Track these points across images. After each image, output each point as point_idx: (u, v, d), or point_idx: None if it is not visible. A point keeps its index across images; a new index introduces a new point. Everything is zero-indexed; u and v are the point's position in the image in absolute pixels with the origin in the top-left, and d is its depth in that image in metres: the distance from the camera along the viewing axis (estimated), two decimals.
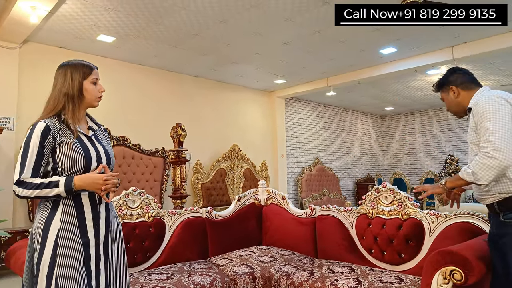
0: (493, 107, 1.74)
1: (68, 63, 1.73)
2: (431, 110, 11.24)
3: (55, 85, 1.69)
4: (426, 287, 1.87)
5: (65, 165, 1.61)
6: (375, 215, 2.83)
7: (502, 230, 1.76)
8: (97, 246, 1.64)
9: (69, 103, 1.67)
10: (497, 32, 5.35)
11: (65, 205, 1.59)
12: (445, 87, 2.09)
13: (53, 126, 1.61)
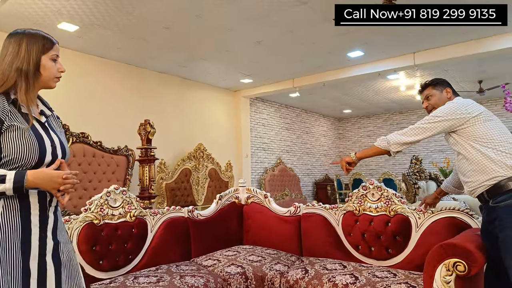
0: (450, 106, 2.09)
1: (25, 32, 1.43)
2: (386, 114, 11.80)
3: (4, 56, 1.40)
4: (429, 279, 1.92)
5: (12, 156, 1.30)
6: (362, 212, 2.88)
7: (492, 215, 1.89)
8: (42, 257, 1.33)
9: (21, 80, 1.39)
10: (452, 41, 5.72)
11: (7, 205, 1.29)
12: (441, 86, 2.24)
13: (0, 106, 1.32)
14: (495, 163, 1.86)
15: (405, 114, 11.42)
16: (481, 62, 6.64)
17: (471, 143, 1.96)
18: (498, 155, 1.87)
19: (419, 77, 7.77)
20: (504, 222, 1.79)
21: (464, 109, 2.01)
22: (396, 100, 9.92)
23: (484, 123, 1.97)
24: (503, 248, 1.79)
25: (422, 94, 2.33)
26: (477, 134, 1.95)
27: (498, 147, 1.90)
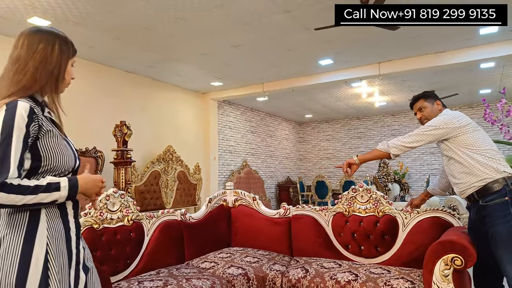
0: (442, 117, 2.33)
1: (56, 33, 1.36)
2: (344, 119, 12.34)
3: (33, 54, 1.27)
4: (429, 273, 2.11)
5: (53, 163, 1.24)
6: (351, 213, 3.05)
7: (482, 213, 2.12)
8: (77, 265, 1.30)
9: (52, 84, 1.32)
10: (414, 54, 6.19)
11: (49, 213, 1.22)
12: (431, 99, 2.47)
13: (37, 109, 1.23)
14: (484, 166, 2.10)
15: (362, 120, 12.03)
16: (436, 73, 7.22)
17: (462, 150, 2.19)
18: (486, 160, 2.11)
19: (378, 86, 8.26)
20: (494, 219, 2.03)
21: (455, 120, 2.23)
22: (355, 107, 10.43)
23: (473, 132, 2.21)
24: (493, 242, 2.02)
25: (415, 106, 2.53)
26: (468, 142, 2.19)
27: (485, 153, 2.14)
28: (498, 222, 2.01)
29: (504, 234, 1.99)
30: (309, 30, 4.95)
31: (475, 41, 5.58)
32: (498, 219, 2.01)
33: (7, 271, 1.11)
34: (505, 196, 2.03)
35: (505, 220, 2.00)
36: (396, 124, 11.42)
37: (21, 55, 1.28)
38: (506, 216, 2.00)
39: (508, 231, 1.98)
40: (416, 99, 2.54)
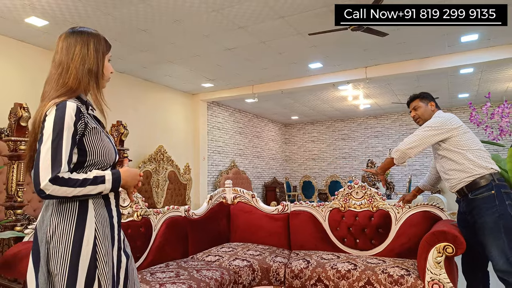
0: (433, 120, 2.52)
1: (89, 32, 1.44)
2: (329, 121, 12.63)
3: (72, 56, 1.37)
4: (423, 261, 2.32)
5: (97, 158, 1.34)
6: (347, 208, 3.25)
7: (470, 205, 2.34)
8: (119, 251, 1.42)
9: (93, 82, 1.40)
10: (399, 59, 6.48)
11: (95, 203, 1.33)
12: (426, 99, 2.66)
13: (82, 108, 1.34)
14: (474, 164, 2.32)
15: (346, 122, 12.35)
16: (419, 78, 7.55)
17: (455, 149, 2.39)
18: (476, 158, 2.33)
19: (363, 89, 8.55)
20: (481, 210, 2.25)
21: (449, 122, 2.43)
22: (340, 109, 10.72)
23: (464, 134, 2.41)
24: (481, 231, 2.24)
25: (411, 105, 2.72)
26: (460, 143, 2.39)
27: (475, 152, 2.36)
28: (486, 213, 2.23)
29: (490, 224, 2.21)
30: (302, 35, 5.15)
31: (456, 48, 5.91)
32: (485, 210, 2.23)
33: (63, 253, 1.23)
34: (491, 190, 2.25)
35: (491, 211, 2.22)
36: (379, 126, 11.78)
37: (62, 59, 1.38)
38: (492, 208, 2.22)
39: (494, 221, 2.20)
40: (413, 99, 2.72)
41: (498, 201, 2.23)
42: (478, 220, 2.26)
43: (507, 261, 2.15)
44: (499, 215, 2.20)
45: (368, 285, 2.48)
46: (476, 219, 2.28)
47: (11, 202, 3.57)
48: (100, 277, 1.26)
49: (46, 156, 1.22)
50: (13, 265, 1.91)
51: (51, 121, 1.26)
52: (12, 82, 5.09)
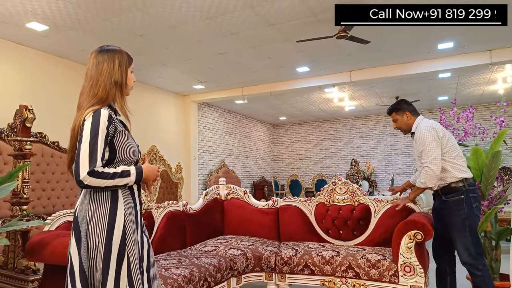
0: (428, 137, 2.66)
1: (114, 49, 1.69)
2: (315, 122, 13.01)
3: (101, 71, 1.63)
4: (397, 246, 2.65)
5: (124, 155, 1.60)
6: (331, 203, 3.57)
7: (443, 205, 2.69)
8: (142, 233, 1.66)
9: (118, 92, 1.65)
10: (381, 64, 6.86)
11: (123, 192, 1.59)
12: (401, 111, 2.91)
13: (113, 115, 1.60)
14: (450, 174, 2.62)
15: (332, 122, 12.74)
16: (400, 81, 7.96)
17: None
18: (453, 169, 2.62)
19: (348, 91, 8.93)
20: (451, 212, 2.59)
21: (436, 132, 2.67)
22: (326, 110, 11.10)
23: (447, 143, 2.67)
24: (450, 228, 2.59)
25: (391, 117, 3.01)
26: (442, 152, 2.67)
27: (452, 160, 2.64)
28: (454, 214, 2.57)
29: (458, 224, 2.56)
30: (290, 41, 5.47)
31: (433, 54, 6.31)
32: (454, 211, 2.57)
33: (100, 233, 1.51)
34: (461, 195, 2.59)
35: (459, 213, 2.57)
36: (363, 127, 12.20)
37: (92, 74, 1.66)
38: (460, 210, 2.57)
39: (461, 221, 2.55)
40: (389, 112, 2.98)
41: (466, 204, 2.57)
42: (447, 219, 2.60)
43: (470, 255, 2.50)
44: (465, 217, 2.55)
45: (349, 269, 2.80)
46: (446, 218, 2.62)
47: (17, 199, 3.79)
48: (129, 253, 1.54)
49: (85, 154, 1.49)
50: (37, 251, 2.16)
51: (89, 125, 1.54)
52: (12, 84, 5.27)
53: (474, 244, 2.51)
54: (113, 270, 1.50)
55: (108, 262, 1.50)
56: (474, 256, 2.50)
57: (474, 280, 2.51)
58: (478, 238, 2.57)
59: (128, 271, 1.54)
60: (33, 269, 3.61)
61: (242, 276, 3.06)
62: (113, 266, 1.50)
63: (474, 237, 2.52)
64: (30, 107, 3.98)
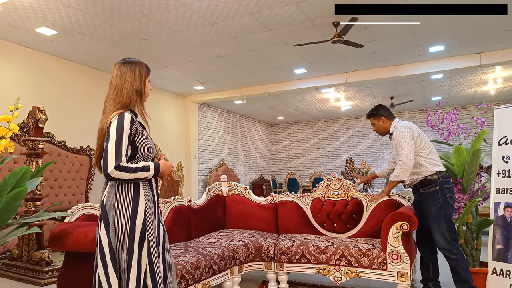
0: (402, 134, 2.96)
1: (135, 61, 1.94)
2: (312, 121, 13.27)
3: (124, 81, 1.88)
4: (385, 237, 2.90)
5: (144, 152, 1.85)
6: (326, 198, 3.82)
7: (421, 197, 2.98)
8: (159, 221, 1.90)
9: (139, 98, 1.91)
10: (375, 66, 7.11)
11: (144, 185, 1.83)
12: (377, 117, 3.21)
13: (134, 118, 1.85)
14: (425, 168, 2.91)
15: (329, 122, 13.00)
16: (395, 82, 8.22)
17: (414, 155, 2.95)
18: (427, 164, 2.91)
19: (344, 92, 9.18)
20: (428, 202, 2.86)
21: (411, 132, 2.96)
22: (323, 110, 11.35)
23: (420, 142, 2.96)
24: (427, 218, 2.86)
25: (370, 121, 3.30)
26: (417, 149, 2.95)
27: (427, 156, 2.93)
28: (431, 205, 2.84)
29: (434, 213, 2.83)
30: (288, 45, 5.71)
31: (425, 56, 6.57)
32: (431, 202, 2.85)
33: (125, 219, 1.75)
34: (436, 186, 2.87)
35: (435, 203, 2.85)
36: (359, 126, 12.47)
37: (117, 83, 1.92)
38: (435, 200, 2.85)
39: (437, 211, 2.83)
40: (368, 117, 3.30)
41: (440, 195, 2.86)
42: (425, 210, 2.88)
43: (445, 241, 2.78)
44: (440, 206, 2.84)
45: (342, 257, 3.06)
46: (424, 208, 2.89)
47: (31, 195, 4.03)
48: (148, 237, 1.79)
49: (112, 151, 1.74)
50: (61, 239, 2.40)
51: (115, 126, 1.78)
52: (20, 86, 5.49)
53: (449, 230, 2.78)
54: (136, 251, 1.75)
55: (133, 244, 1.75)
56: (449, 241, 2.76)
57: (450, 263, 2.78)
58: (453, 225, 2.84)
59: (148, 252, 1.79)
60: (47, 260, 3.87)
61: (244, 265, 3.31)
62: (136, 247, 1.75)
63: (449, 224, 2.78)
64: (42, 109, 4.23)
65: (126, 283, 1.75)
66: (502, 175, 3.00)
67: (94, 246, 1.97)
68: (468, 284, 2.73)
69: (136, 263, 1.75)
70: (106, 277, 1.74)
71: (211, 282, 2.87)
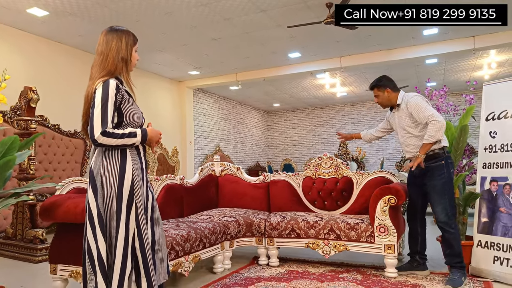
0: (421, 100, 2.90)
1: (122, 29, 1.92)
2: (308, 109, 13.28)
3: (110, 48, 1.86)
4: (374, 210, 2.95)
5: (130, 119, 1.86)
6: (317, 176, 3.86)
7: (424, 171, 2.88)
8: (147, 188, 1.91)
9: (124, 66, 1.90)
10: (369, 50, 7.11)
11: (131, 151, 1.84)
12: (382, 88, 3.11)
13: (120, 85, 1.84)
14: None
15: (325, 109, 13.02)
16: (389, 67, 8.22)
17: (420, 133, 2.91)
18: None
19: (339, 77, 9.19)
20: (433, 175, 2.82)
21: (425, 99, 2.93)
22: (319, 96, 11.36)
23: None
24: (431, 191, 2.85)
25: (373, 92, 3.22)
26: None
27: None
28: (436, 178, 2.83)
29: (438, 186, 2.83)
30: (282, 27, 5.70)
31: (419, 40, 6.57)
32: (436, 176, 2.83)
33: (112, 184, 1.78)
34: (442, 160, 2.86)
35: (440, 177, 2.83)
36: (355, 113, 12.50)
37: (102, 50, 1.92)
38: (441, 174, 2.83)
39: (441, 184, 2.82)
40: (372, 88, 3.18)
41: (446, 170, 2.85)
42: (428, 183, 2.86)
43: (446, 215, 2.79)
44: (445, 181, 2.83)
45: (331, 231, 3.11)
46: (427, 181, 2.87)
47: (24, 174, 4.05)
48: (136, 202, 1.82)
49: (98, 117, 1.75)
50: (51, 211, 2.43)
51: (100, 92, 1.80)
52: (13, 69, 5.47)
53: (451, 205, 2.80)
54: (124, 214, 1.78)
55: (120, 208, 1.78)
56: (450, 216, 2.79)
57: (447, 237, 2.79)
58: (454, 201, 2.86)
59: (136, 216, 1.82)
60: (41, 238, 3.91)
61: (235, 240, 3.36)
62: (124, 211, 1.78)
63: (451, 199, 2.81)
64: (34, 88, 4.22)
65: (114, 246, 1.79)
66: (489, 150, 3.04)
67: (84, 216, 2.01)
68: (459, 257, 2.77)
69: (124, 226, 1.78)
70: (95, 240, 1.77)
71: (202, 255, 2.92)
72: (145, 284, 1.82)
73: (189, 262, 2.77)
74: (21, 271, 3.42)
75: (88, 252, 1.79)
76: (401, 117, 3.04)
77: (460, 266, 2.77)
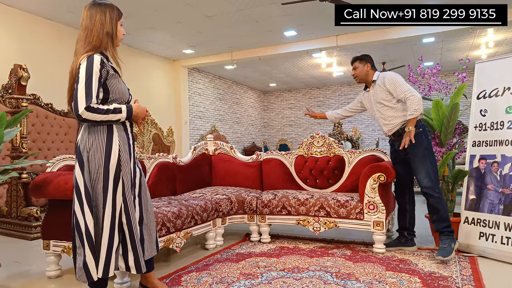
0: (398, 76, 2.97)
1: (105, 3, 1.90)
2: (305, 89, 13.21)
3: (94, 22, 1.84)
4: (363, 188, 2.98)
5: (116, 95, 1.86)
6: (309, 155, 3.88)
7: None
8: (134, 164, 1.93)
9: (110, 41, 1.88)
10: (366, 29, 7.02)
11: (118, 127, 1.86)
12: (363, 61, 3.17)
13: (105, 60, 1.83)
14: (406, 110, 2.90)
15: (322, 89, 12.95)
16: (386, 47, 8.14)
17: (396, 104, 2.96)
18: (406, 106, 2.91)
19: (336, 56, 9.10)
20: (413, 144, 2.84)
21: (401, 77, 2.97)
22: (315, 76, 11.28)
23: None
24: (412, 159, 2.87)
25: (352, 65, 3.26)
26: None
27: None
28: (416, 146, 2.84)
29: (420, 154, 2.85)
30: (276, 4, 5.60)
31: None
32: (416, 143, 2.83)
33: (99, 159, 1.79)
34: (419, 128, 2.88)
35: (420, 144, 2.85)
36: (352, 93, 12.45)
37: (87, 24, 1.90)
38: (421, 142, 2.85)
39: (422, 151, 2.84)
40: (354, 60, 3.23)
41: (424, 137, 2.88)
42: (410, 151, 2.88)
43: (430, 180, 2.82)
44: (425, 147, 2.86)
45: (321, 208, 3.15)
46: (408, 151, 2.89)
47: (16, 153, 4.05)
48: (123, 176, 1.83)
49: (82, 92, 1.75)
50: (42, 187, 2.44)
51: (84, 68, 1.78)
52: (2, 47, 5.39)
53: (433, 170, 2.83)
54: (111, 189, 1.79)
55: (107, 183, 1.79)
56: (434, 180, 2.81)
57: (432, 202, 2.82)
58: (436, 166, 2.88)
59: (122, 191, 1.83)
60: (35, 216, 3.94)
61: (227, 217, 3.40)
62: (111, 186, 1.80)
63: (433, 164, 2.84)
64: (24, 66, 4.18)
65: (101, 221, 1.81)
66: (479, 128, 3.05)
67: None
68: (447, 222, 2.80)
69: (111, 201, 1.80)
70: (82, 214, 1.80)
71: (193, 232, 2.96)
72: (131, 258, 1.86)
73: (181, 238, 2.81)
74: (16, 248, 3.46)
75: (76, 227, 1.81)
76: (376, 92, 3.09)
77: (448, 231, 2.79)
